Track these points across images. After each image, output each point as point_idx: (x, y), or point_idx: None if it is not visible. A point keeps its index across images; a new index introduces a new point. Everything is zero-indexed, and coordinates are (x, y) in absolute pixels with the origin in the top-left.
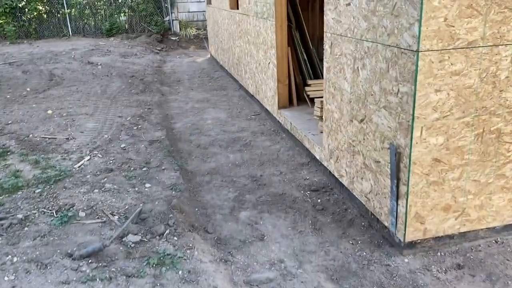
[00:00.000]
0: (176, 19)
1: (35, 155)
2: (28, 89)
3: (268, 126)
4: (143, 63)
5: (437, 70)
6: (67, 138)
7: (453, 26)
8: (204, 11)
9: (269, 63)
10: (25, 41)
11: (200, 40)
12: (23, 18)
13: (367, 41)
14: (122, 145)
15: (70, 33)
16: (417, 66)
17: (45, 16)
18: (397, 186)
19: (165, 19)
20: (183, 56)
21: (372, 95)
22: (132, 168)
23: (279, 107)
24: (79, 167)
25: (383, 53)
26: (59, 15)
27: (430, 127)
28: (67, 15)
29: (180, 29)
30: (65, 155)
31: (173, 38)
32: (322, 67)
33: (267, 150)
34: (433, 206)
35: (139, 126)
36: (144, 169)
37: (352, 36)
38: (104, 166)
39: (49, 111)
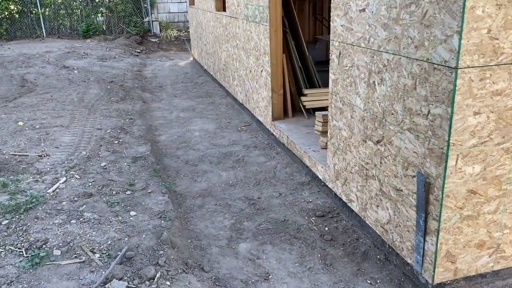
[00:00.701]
0: (156, 20)
1: (3, 176)
2: None
3: (261, 139)
4: (122, 67)
5: (477, 89)
6: (40, 155)
7: (497, 39)
8: (186, 12)
9: (261, 70)
10: None
11: (181, 42)
12: None
13: (387, 52)
14: (102, 164)
15: (44, 34)
16: (455, 85)
17: (17, 16)
18: (425, 221)
19: (144, 20)
20: (164, 59)
21: (392, 114)
22: (114, 192)
23: (273, 119)
24: (53, 191)
25: (408, 68)
26: (32, 15)
27: (466, 154)
28: (40, 15)
29: (160, 31)
30: (38, 176)
31: (153, 40)
32: (319, 76)
33: (263, 166)
34: (466, 243)
35: (121, 140)
36: (128, 192)
37: (367, 47)
38: (83, 190)
39: (20, 123)
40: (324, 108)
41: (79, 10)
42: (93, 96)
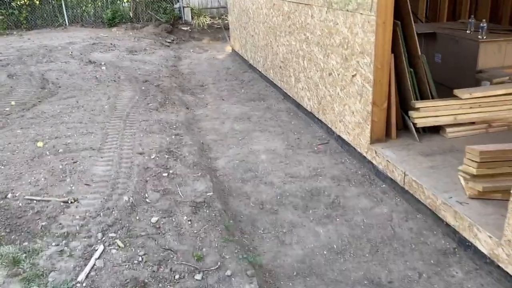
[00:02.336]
0: (187, 6)
1: (14, 243)
2: (13, 102)
3: (350, 167)
4: (155, 61)
5: None
6: (66, 201)
7: None
8: None
9: (353, 75)
10: (14, 32)
11: (214, 31)
12: (12, 5)
13: None
14: (153, 218)
15: (67, 23)
16: None
17: (37, 2)
18: None
19: (175, 6)
20: (198, 50)
21: None
22: (177, 276)
23: (372, 141)
24: (86, 276)
25: None
26: (53, 2)
27: None
28: (62, 2)
29: (192, 18)
30: (63, 242)
31: (185, 28)
32: (432, 82)
33: (371, 216)
34: None
35: (171, 172)
36: (197, 277)
37: None
38: (130, 274)
39: (40, 143)
40: (437, 128)
41: None
42: (126, 101)
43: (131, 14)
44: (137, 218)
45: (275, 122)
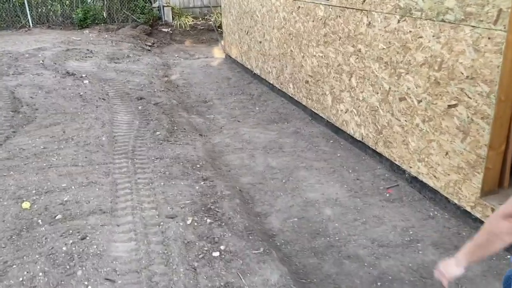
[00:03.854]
0: (167, 5)
1: None
2: None
3: (446, 224)
4: (143, 71)
5: None
6: None
7: None
8: None
9: (452, 105)
10: None
11: (198, 32)
12: None
13: None
14: None
15: (31, 24)
16: None
17: None
18: None
19: (153, 5)
20: (183, 55)
21: None
22: None
23: (483, 193)
24: None
25: None
26: (14, 0)
27: None
28: (25, 0)
29: (172, 18)
30: None
31: (165, 30)
32: None
33: None
34: None
35: (222, 248)
36: None
37: None
38: None
39: (25, 204)
40: None
41: None
42: (126, 129)
43: (104, 14)
44: None
45: (316, 153)
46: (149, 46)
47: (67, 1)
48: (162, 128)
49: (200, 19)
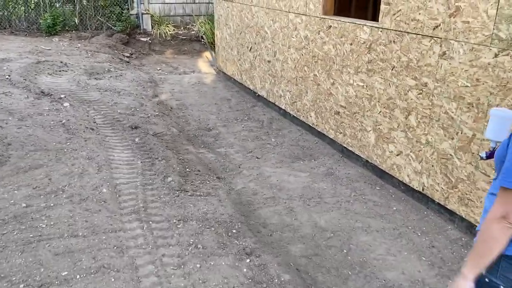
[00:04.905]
0: (147, 13)
1: None
2: None
3: None
4: (130, 90)
5: None
6: None
7: None
8: (184, 2)
9: None
10: None
11: (179, 42)
12: None
13: None
14: None
15: None
16: None
17: None
18: None
19: (131, 13)
20: (166, 67)
21: None
22: None
23: None
24: None
25: None
26: None
27: None
28: None
29: (152, 27)
30: None
31: (143, 39)
32: None
33: None
34: None
35: None
36: None
37: None
38: None
39: None
40: None
41: None
42: (129, 174)
43: (76, 21)
44: None
45: (366, 206)
46: (127, 57)
47: (32, 4)
48: (173, 171)
49: (182, 28)
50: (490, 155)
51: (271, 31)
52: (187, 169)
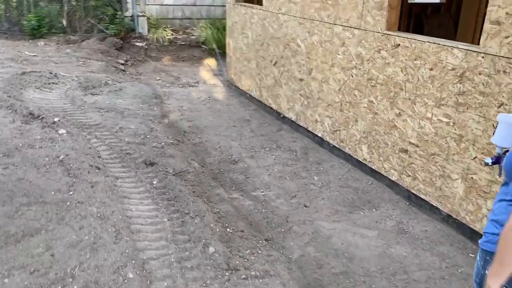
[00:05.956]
0: (143, 15)
1: None
2: None
3: None
4: (135, 109)
5: None
6: None
7: None
8: (185, 4)
9: None
10: None
11: (177, 48)
12: None
13: None
14: None
15: None
16: None
17: None
18: None
19: (126, 15)
20: (166, 77)
21: None
22: None
23: None
24: None
25: None
26: None
27: None
28: None
29: (148, 31)
30: None
31: (139, 44)
32: None
33: None
34: None
35: None
36: None
37: None
38: None
39: None
40: None
41: None
42: (155, 242)
43: (64, 23)
44: None
45: (468, 286)
46: (122, 64)
47: (14, 3)
48: (212, 234)
49: (181, 32)
50: (496, 161)
51: (306, 45)
52: (228, 229)
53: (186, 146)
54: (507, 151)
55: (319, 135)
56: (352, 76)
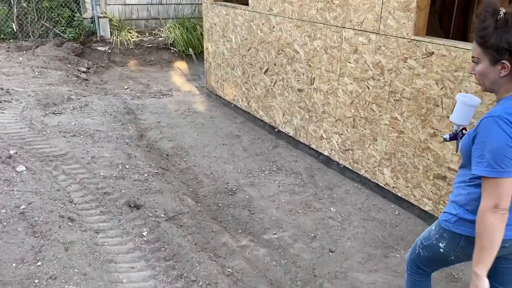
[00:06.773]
0: (104, 16)
1: None
2: None
3: None
4: (106, 130)
5: None
6: None
7: None
8: (149, 3)
9: None
10: None
11: (144, 51)
12: None
13: None
14: None
15: None
16: None
17: None
18: None
19: (85, 16)
20: (134, 85)
21: None
22: None
23: None
24: None
25: None
26: None
27: None
28: None
29: (111, 34)
30: None
31: (101, 49)
32: None
33: None
34: None
35: None
36: None
37: None
38: None
39: None
40: None
41: None
42: None
43: (14, 27)
44: None
45: None
46: (84, 72)
47: None
48: None
49: (147, 34)
50: (453, 137)
51: (305, 51)
52: None
53: (173, 175)
54: (464, 128)
55: (325, 153)
56: (368, 87)
